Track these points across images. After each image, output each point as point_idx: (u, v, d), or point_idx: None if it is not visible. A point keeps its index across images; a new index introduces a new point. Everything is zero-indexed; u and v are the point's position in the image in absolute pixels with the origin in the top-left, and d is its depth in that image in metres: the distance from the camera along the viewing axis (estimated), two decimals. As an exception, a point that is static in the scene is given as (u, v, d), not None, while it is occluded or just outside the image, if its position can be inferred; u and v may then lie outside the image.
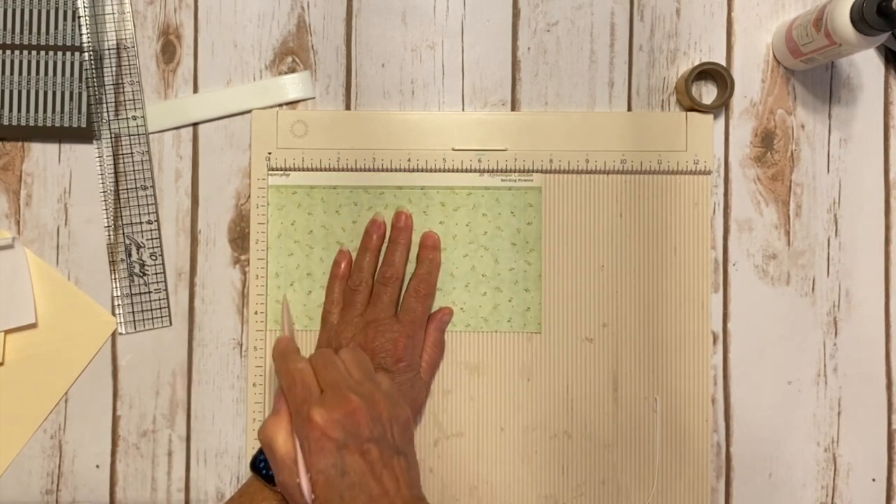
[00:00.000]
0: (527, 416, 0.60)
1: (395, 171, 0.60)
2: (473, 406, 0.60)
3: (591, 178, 0.60)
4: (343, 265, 0.59)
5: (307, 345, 0.60)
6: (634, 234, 0.60)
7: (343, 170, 0.60)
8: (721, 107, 0.61)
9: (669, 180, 0.61)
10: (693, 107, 0.60)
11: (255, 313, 0.60)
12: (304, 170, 0.60)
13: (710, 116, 0.60)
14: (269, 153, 0.60)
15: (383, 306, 0.57)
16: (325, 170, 0.60)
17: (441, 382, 0.60)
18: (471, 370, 0.60)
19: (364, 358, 0.53)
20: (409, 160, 0.60)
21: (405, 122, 0.60)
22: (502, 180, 0.60)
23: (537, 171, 0.60)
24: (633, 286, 0.60)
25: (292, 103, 0.61)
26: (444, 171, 0.60)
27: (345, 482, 0.46)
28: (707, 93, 0.62)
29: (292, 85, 0.61)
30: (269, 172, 0.60)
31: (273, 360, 0.53)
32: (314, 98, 0.61)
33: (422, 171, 0.60)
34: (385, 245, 0.59)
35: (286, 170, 0.60)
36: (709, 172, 0.61)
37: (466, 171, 0.60)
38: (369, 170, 0.60)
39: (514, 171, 0.60)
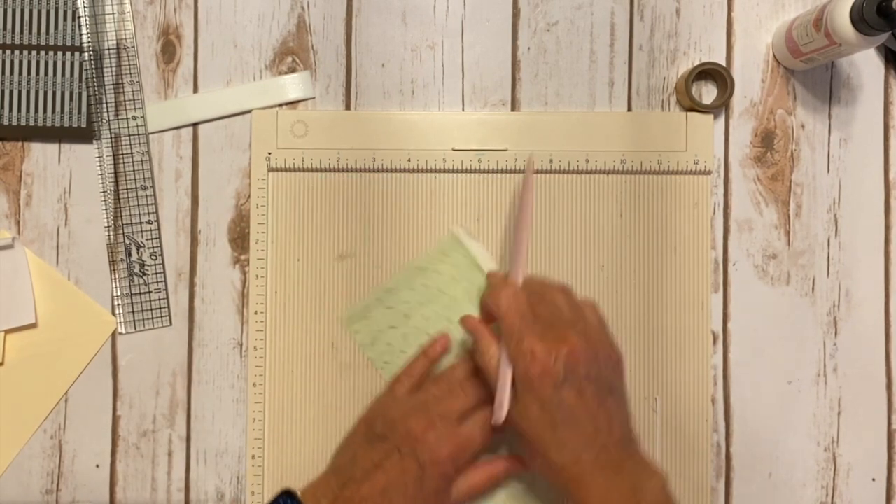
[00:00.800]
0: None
1: (395, 171, 0.60)
2: None
3: (592, 178, 0.60)
4: (438, 347, 0.58)
5: (301, 339, 0.60)
6: (634, 234, 0.60)
7: (343, 170, 0.60)
8: (721, 107, 0.61)
9: (669, 180, 0.61)
10: (693, 107, 0.60)
11: (255, 313, 0.60)
12: (304, 170, 0.60)
13: (710, 116, 0.60)
14: (269, 153, 0.60)
15: (453, 411, 0.53)
16: (325, 170, 0.60)
17: None
18: None
19: (574, 299, 0.53)
20: (409, 160, 0.60)
21: (405, 123, 0.60)
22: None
23: (538, 172, 0.60)
24: (633, 286, 0.60)
25: (292, 103, 0.61)
26: (445, 171, 0.60)
27: (559, 417, 0.48)
28: (707, 93, 0.62)
29: (292, 85, 0.61)
30: (269, 172, 0.60)
31: (487, 281, 0.56)
32: (314, 98, 0.61)
33: (422, 171, 0.60)
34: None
35: (286, 170, 0.60)
36: (709, 172, 0.61)
37: (466, 171, 0.60)
38: (369, 170, 0.60)
39: (515, 172, 0.60)
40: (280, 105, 0.61)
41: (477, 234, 0.60)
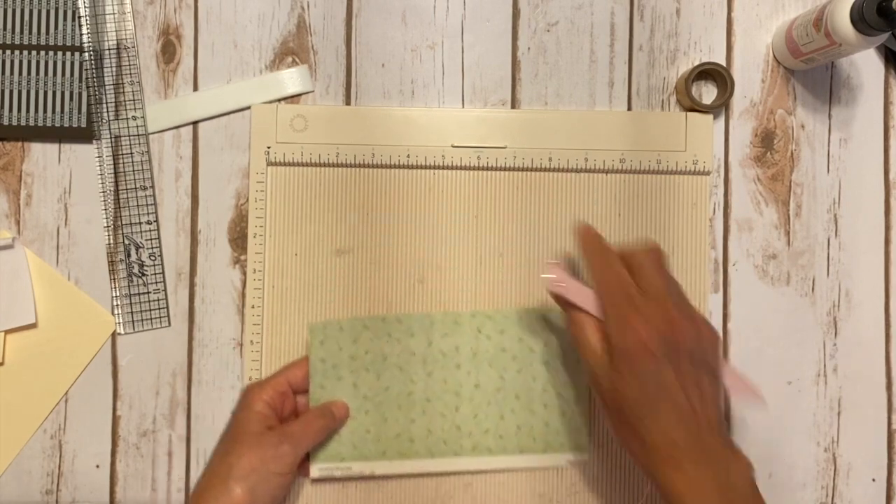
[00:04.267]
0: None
1: (394, 167, 0.60)
2: None
3: (590, 176, 0.60)
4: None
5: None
6: (633, 233, 0.60)
7: (342, 165, 0.60)
8: (721, 107, 0.61)
9: (668, 180, 0.61)
10: (693, 107, 0.60)
11: (252, 307, 0.60)
12: (303, 164, 0.60)
13: (710, 117, 0.60)
14: (269, 147, 0.60)
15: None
16: (324, 165, 0.60)
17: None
18: None
19: (667, 272, 0.51)
20: (408, 156, 0.60)
21: (405, 119, 0.60)
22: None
23: (536, 170, 0.60)
24: None
25: (292, 98, 0.61)
26: (443, 167, 0.60)
27: (656, 391, 0.47)
28: (707, 93, 0.62)
29: (291, 80, 0.61)
30: (268, 166, 0.60)
31: (582, 249, 0.52)
32: (313, 92, 0.61)
33: (421, 167, 0.60)
34: None
35: (285, 164, 0.60)
36: (708, 173, 0.61)
37: (465, 168, 0.60)
38: (368, 165, 0.60)
39: (514, 169, 0.60)
40: (279, 100, 0.61)
41: (475, 230, 0.60)
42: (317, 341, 0.57)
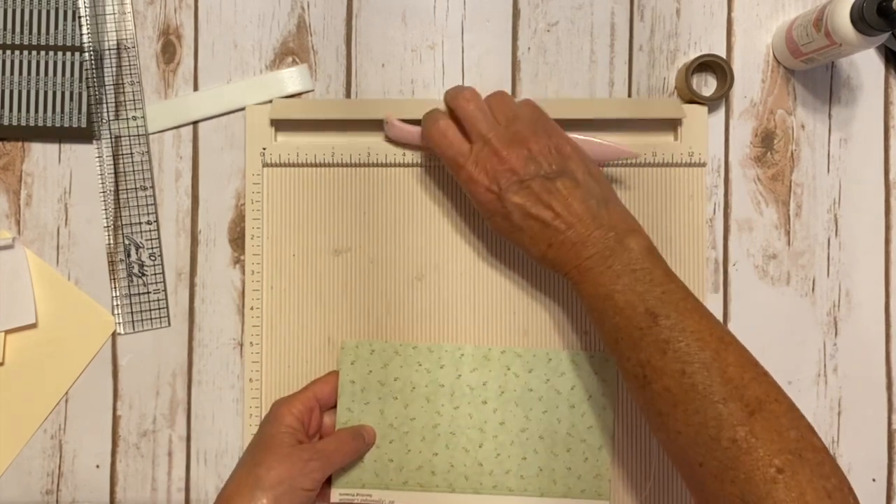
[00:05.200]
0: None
1: (391, 165, 0.60)
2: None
3: None
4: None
5: (302, 341, 0.60)
6: None
7: (338, 165, 0.60)
8: (721, 98, 0.61)
9: (664, 173, 0.61)
10: (693, 99, 0.60)
11: (251, 308, 0.60)
12: (299, 165, 0.60)
13: (705, 108, 0.60)
14: (264, 148, 0.60)
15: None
16: (321, 165, 0.60)
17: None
18: None
19: (505, 95, 0.55)
20: (404, 155, 0.60)
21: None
22: None
23: None
24: None
25: (292, 97, 0.61)
26: (441, 165, 0.60)
27: (515, 221, 0.52)
28: (707, 86, 0.62)
29: (290, 79, 0.61)
30: (264, 167, 0.60)
31: (422, 120, 0.57)
32: (313, 91, 0.61)
33: (417, 165, 0.60)
34: None
35: (281, 165, 0.60)
36: (703, 164, 0.61)
37: None
38: (365, 164, 0.60)
39: None
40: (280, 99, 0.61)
41: (473, 228, 0.60)
42: (348, 361, 0.58)
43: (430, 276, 0.60)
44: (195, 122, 0.61)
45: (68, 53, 0.60)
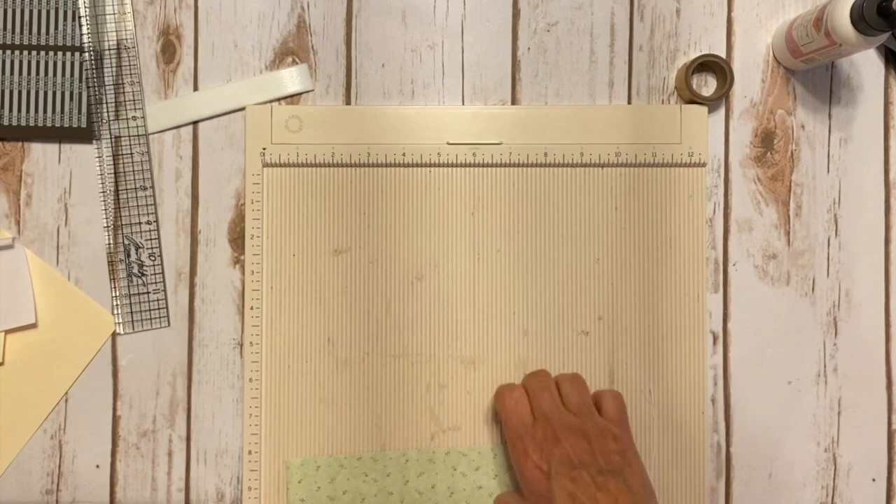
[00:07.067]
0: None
1: (390, 165, 0.60)
2: (470, 400, 0.60)
3: (586, 171, 0.61)
4: None
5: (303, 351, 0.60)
6: (630, 227, 0.60)
7: (338, 165, 0.60)
8: (721, 98, 0.61)
9: (664, 173, 0.61)
10: (693, 99, 0.60)
11: (251, 308, 0.60)
12: (298, 165, 0.60)
13: (705, 108, 0.61)
14: (264, 148, 0.60)
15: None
16: (320, 165, 0.60)
17: (437, 376, 0.60)
18: (466, 364, 0.60)
19: (579, 381, 0.56)
20: (403, 155, 0.60)
21: (400, 117, 0.60)
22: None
23: (532, 165, 0.60)
24: (628, 279, 0.60)
25: (292, 97, 0.61)
26: (439, 165, 0.60)
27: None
28: (707, 86, 0.62)
29: (290, 79, 0.61)
30: (264, 168, 0.60)
31: (494, 397, 0.58)
32: (313, 91, 0.61)
33: (416, 165, 0.60)
34: None
35: (281, 165, 0.60)
36: (703, 164, 0.61)
37: (461, 165, 0.60)
38: (364, 165, 0.60)
39: (510, 165, 0.60)
40: (279, 99, 0.61)
41: (471, 228, 0.60)
42: (295, 480, 0.58)
43: (429, 277, 0.60)
44: (195, 122, 0.61)
45: (68, 53, 0.60)
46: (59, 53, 0.60)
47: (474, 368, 0.60)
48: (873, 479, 0.61)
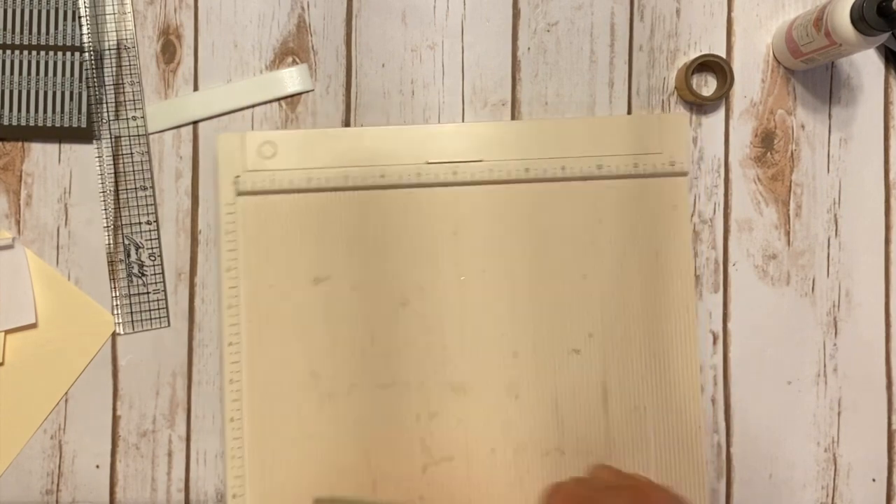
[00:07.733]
0: (517, 435, 0.58)
1: (369, 188, 0.59)
2: (461, 428, 0.58)
3: (568, 185, 0.60)
4: None
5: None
6: (616, 240, 0.59)
7: (314, 190, 0.59)
8: (721, 98, 0.61)
9: (647, 184, 0.60)
10: (693, 99, 0.60)
11: (230, 344, 0.58)
12: (274, 192, 0.59)
13: (685, 116, 0.60)
14: (237, 176, 0.59)
15: None
16: (297, 191, 0.59)
17: (426, 405, 0.58)
18: (456, 390, 0.59)
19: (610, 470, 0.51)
20: (382, 176, 0.59)
21: (377, 138, 0.59)
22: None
23: (513, 181, 0.59)
24: (616, 293, 0.59)
25: (292, 97, 0.61)
26: (420, 185, 0.59)
27: None
28: (707, 87, 0.62)
29: (290, 79, 0.61)
30: (238, 196, 0.59)
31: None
32: (313, 91, 0.61)
33: (396, 187, 0.59)
34: None
35: (255, 192, 0.59)
36: (685, 173, 0.60)
37: (442, 184, 0.59)
38: (342, 189, 0.59)
39: (491, 183, 0.59)
40: (280, 99, 0.61)
41: (455, 248, 0.59)
42: None
43: (414, 301, 0.59)
44: (195, 122, 0.61)
45: (68, 53, 0.60)
46: (59, 53, 0.60)
47: (465, 394, 0.59)
48: (873, 480, 0.61)
